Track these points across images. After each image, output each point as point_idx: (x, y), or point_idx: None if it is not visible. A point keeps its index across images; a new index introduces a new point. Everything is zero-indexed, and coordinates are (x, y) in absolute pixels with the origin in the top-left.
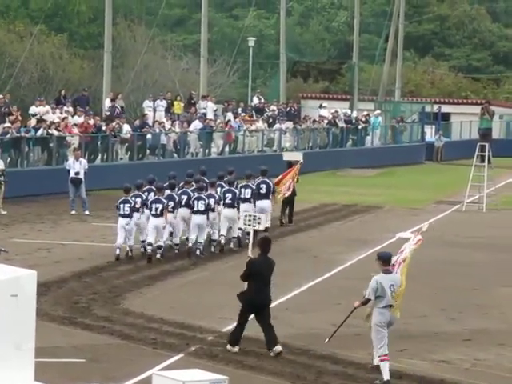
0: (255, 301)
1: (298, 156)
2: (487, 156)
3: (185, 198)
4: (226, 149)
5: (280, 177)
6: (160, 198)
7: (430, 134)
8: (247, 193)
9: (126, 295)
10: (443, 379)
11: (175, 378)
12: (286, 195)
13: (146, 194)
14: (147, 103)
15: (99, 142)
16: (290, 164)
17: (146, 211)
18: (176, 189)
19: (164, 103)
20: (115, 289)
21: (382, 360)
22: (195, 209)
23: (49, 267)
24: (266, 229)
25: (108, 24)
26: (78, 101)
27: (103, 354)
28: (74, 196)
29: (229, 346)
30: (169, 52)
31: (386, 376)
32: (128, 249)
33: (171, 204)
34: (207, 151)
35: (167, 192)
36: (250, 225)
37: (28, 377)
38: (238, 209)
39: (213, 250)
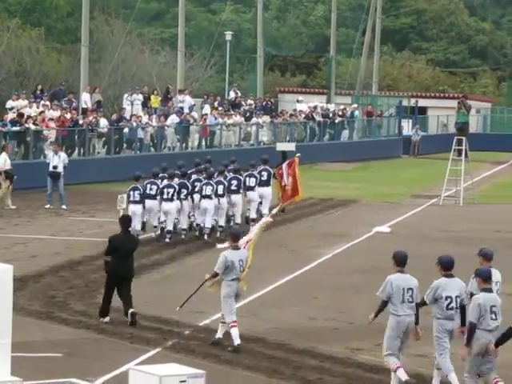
0: (117, 274)
1: (290, 146)
2: (464, 150)
3: (198, 185)
4: (203, 143)
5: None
6: (172, 183)
7: (407, 128)
8: (252, 181)
9: (102, 290)
10: (419, 373)
11: (152, 373)
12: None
13: (159, 181)
14: (126, 97)
15: (76, 136)
16: (285, 154)
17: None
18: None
19: (141, 97)
20: (92, 283)
21: (232, 326)
22: (203, 193)
23: (25, 262)
24: (264, 215)
25: (85, 18)
26: (55, 95)
27: (80, 348)
28: (51, 190)
29: (100, 319)
30: (146, 46)
31: (237, 340)
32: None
33: (184, 191)
34: (184, 145)
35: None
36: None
37: (4, 371)
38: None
39: (218, 235)
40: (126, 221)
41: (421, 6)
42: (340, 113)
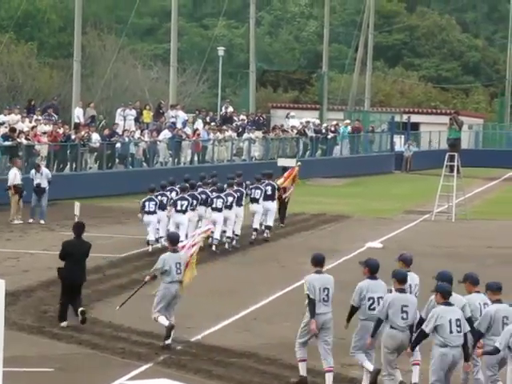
0: (69, 279)
1: (291, 162)
2: (456, 166)
3: (203, 197)
4: (195, 158)
5: (283, 180)
6: (185, 196)
7: (400, 143)
8: (257, 193)
9: (94, 305)
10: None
11: None
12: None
13: (168, 193)
14: (119, 112)
15: (68, 151)
16: (285, 169)
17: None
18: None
19: (134, 112)
20: (83, 298)
21: (155, 318)
22: (214, 206)
23: (17, 276)
24: (270, 227)
25: (77, 33)
26: (47, 109)
27: (71, 363)
28: (34, 205)
29: (60, 324)
30: (138, 61)
31: (165, 322)
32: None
33: (194, 202)
34: (176, 160)
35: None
36: None
37: None
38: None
39: (227, 246)
40: (78, 227)
41: (413, 22)
42: (332, 128)
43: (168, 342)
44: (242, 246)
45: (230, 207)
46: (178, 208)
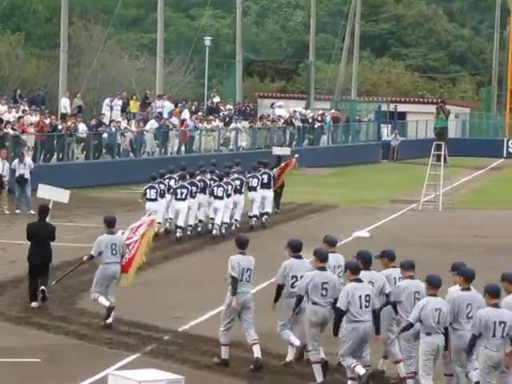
0: (34, 259)
1: (286, 150)
2: (443, 155)
3: (202, 184)
4: (182, 148)
5: (279, 171)
6: (185, 184)
7: (386, 132)
8: (254, 182)
9: (81, 295)
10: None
11: (131, 378)
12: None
13: (167, 181)
14: (107, 102)
15: (55, 141)
16: (279, 158)
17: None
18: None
19: (120, 102)
20: (71, 289)
21: (95, 299)
22: (215, 194)
23: (4, 267)
24: (268, 213)
25: (64, 23)
26: (34, 100)
27: (59, 353)
28: (19, 195)
29: (31, 304)
30: (125, 51)
31: (105, 303)
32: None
33: (194, 189)
34: (163, 150)
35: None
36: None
37: None
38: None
39: (224, 231)
40: (42, 211)
41: (400, 11)
42: (319, 118)
43: (109, 321)
44: (231, 234)
45: (228, 195)
46: (178, 196)
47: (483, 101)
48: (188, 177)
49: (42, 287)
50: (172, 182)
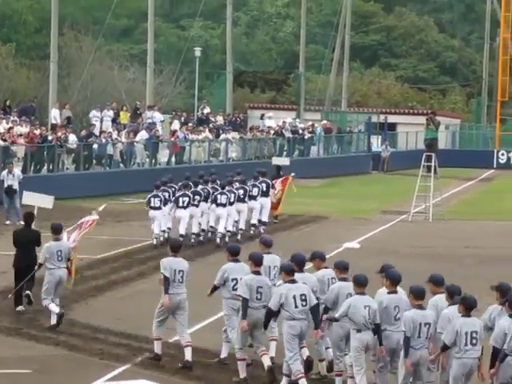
0: (19, 263)
1: (285, 161)
2: (433, 166)
3: (205, 193)
4: (173, 159)
5: (281, 191)
6: (187, 192)
7: (377, 144)
8: (255, 191)
9: (71, 306)
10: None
11: None
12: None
13: (170, 189)
14: (94, 113)
15: (45, 152)
16: (279, 168)
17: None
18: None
19: (111, 113)
20: (61, 299)
21: (46, 305)
22: (218, 202)
23: None
24: (265, 223)
25: (54, 34)
26: (24, 111)
27: (49, 364)
28: (7, 206)
29: (16, 309)
30: (115, 62)
31: (55, 309)
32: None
33: (197, 198)
34: (153, 161)
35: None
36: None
37: None
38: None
39: (227, 239)
40: (27, 217)
41: (390, 22)
42: (310, 129)
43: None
44: (222, 246)
45: (231, 203)
46: (180, 204)
47: (473, 112)
48: (191, 186)
49: (27, 292)
50: (171, 191)
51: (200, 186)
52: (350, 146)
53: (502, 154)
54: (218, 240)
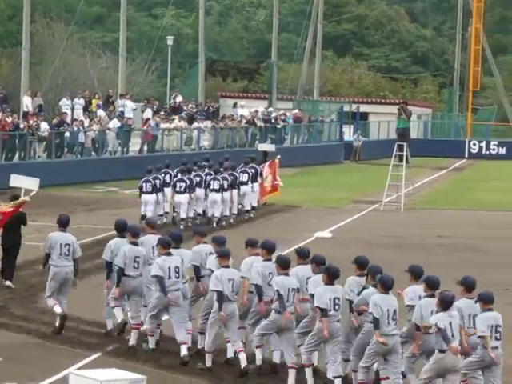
0: (5, 242)
1: (271, 147)
2: (405, 156)
3: (198, 179)
4: (145, 147)
5: (271, 175)
6: (183, 178)
7: (349, 133)
8: (245, 177)
9: (43, 294)
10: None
11: (93, 377)
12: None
13: (162, 175)
14: (65, 101)
15: (17, 140)
16: (266, 154)
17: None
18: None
19: (82, 101)
20: (32, 288)
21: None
22: (211, 187)
23: None
24: (254, 208)
25: (26, 21)
26: None
27: (20, 353)
28: None
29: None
30: (87, 50)
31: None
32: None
33: (191, 183)
34: (125, 150)
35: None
36: None
37: None
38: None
39: (224, 223)
40: (13, 198)
41: (362, 11)
42: (282, 117)
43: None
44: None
45: (225, 190)
46: (177, 189)
47: (445, 101)
48: (186, 171)
49: (8, 283)
50: (167, 177)
51: (194, 173)
52: (321, 136)
53: (474, 144)
54: (214, 224)
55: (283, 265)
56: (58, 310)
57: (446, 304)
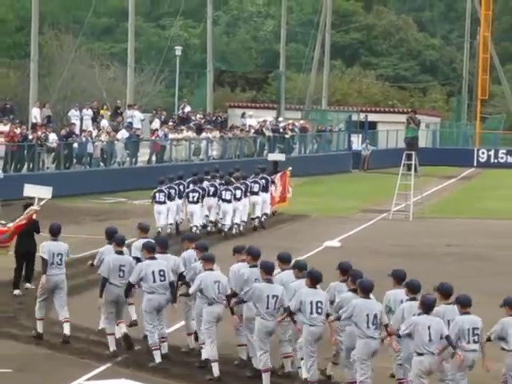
0: (19, 249)
1: (281, 156)
2: (414, 165)
3: (212, 189)
4: (153, 158)
5: (281, 187)
6: (196, 188)
7: (357, 142)
8: (255, 187)
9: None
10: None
11: None
12: (285, 201)
13: (176, 186)
14: (73, 112)
15: (25, 151)
16: (276, 164)
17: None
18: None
19: (90, 112)
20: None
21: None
22: (223, 197)
23: None
24: (266, 214)
25: (34, 32)
26: (4, 110)
27: (30, 364)
28: None
29: (14, 292)
30: (96, 61)
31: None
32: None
33: (204, 193)
34: (134, 160)
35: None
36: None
37: None
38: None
39: (234, 232)
40: (26, 207)
41: (370, 21)
42: (290, 127)
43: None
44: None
45: (238, 199)
46: (190, 199)
47: (454, 110)
48: (198, 181)
49: (28, 285)
50: (181, 187)
51: (207, 182)
52: (330, 145)
53: (483, 153)
54: (223, 233)
55: (267, 270)
56: (40, 313)
57: (427, 307)
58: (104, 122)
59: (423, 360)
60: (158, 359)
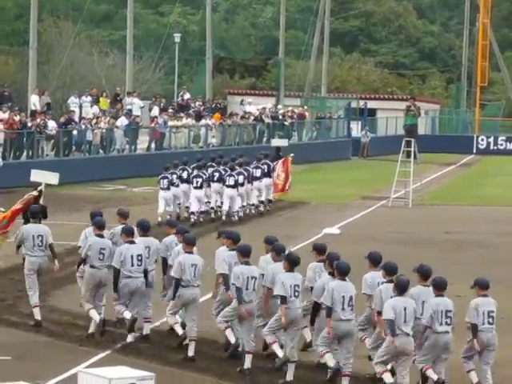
0: None
1: (284, 142)
2: (413, 151)
3: (217, 175)
4: (153, 145)
5: (284, 173)
6: (200, 173)
7: (356, 129)
8: (258, 172)
9: (52, 292)
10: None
11: (101, 375)
12: (286, 189)
13: (180, 171)
14: (72, 100)
15: (25, 139)
16: (279, 149)
17: (182, 185)
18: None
19: (89, 99)
20: (41, 286)
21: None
22: (227, 183)
23: None
24: (270, 201)
25: (33, 20)
26: (2, 97)
27: (29, 351)
28: None
29: None
30: (95, 48)
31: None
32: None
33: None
34: (133, 147)
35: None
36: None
37: None
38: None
39: (236, 217)
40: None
41: (370, 8)
42: (290, 114)
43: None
44: (200, 232)
45: (241, 184)
46: (195, 185)
47: (453, 97)
48: (202, 167)
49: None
50: (185, 174)
51: (211, 168)
52: (329, 132)
53: (482, 140)
54: (233, 218)
55: (244, 253)
56: (34, 299)
57: (401, 288)
58: (95, 109)
59: (397, 340)
60: (129, 339)
